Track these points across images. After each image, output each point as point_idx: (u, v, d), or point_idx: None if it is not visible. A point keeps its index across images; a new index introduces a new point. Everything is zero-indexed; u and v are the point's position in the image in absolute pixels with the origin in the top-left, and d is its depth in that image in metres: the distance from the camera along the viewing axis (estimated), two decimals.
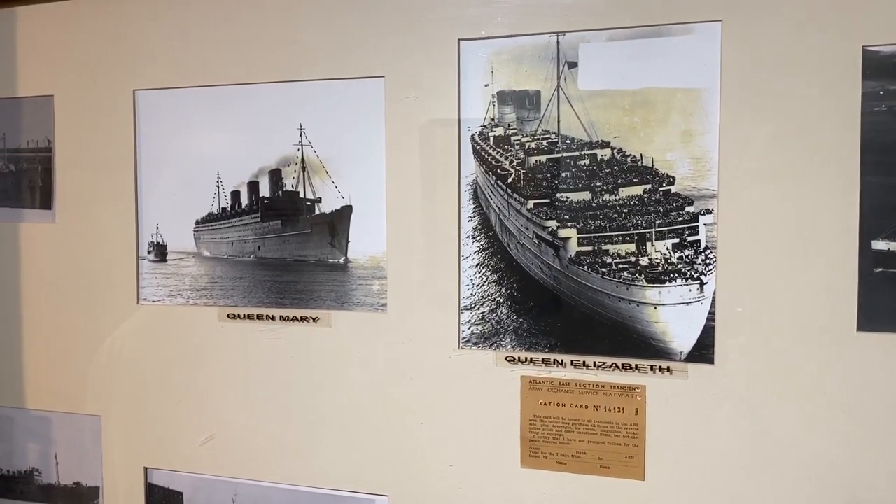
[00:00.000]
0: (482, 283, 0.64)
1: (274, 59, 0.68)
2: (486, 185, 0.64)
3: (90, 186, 0.75)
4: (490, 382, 0.64)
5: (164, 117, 0.72)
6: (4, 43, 0.77)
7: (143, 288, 0.74)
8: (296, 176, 0.69)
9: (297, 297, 0.69)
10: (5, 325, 0.78)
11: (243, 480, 0.71)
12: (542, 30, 0.61)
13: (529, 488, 0.63)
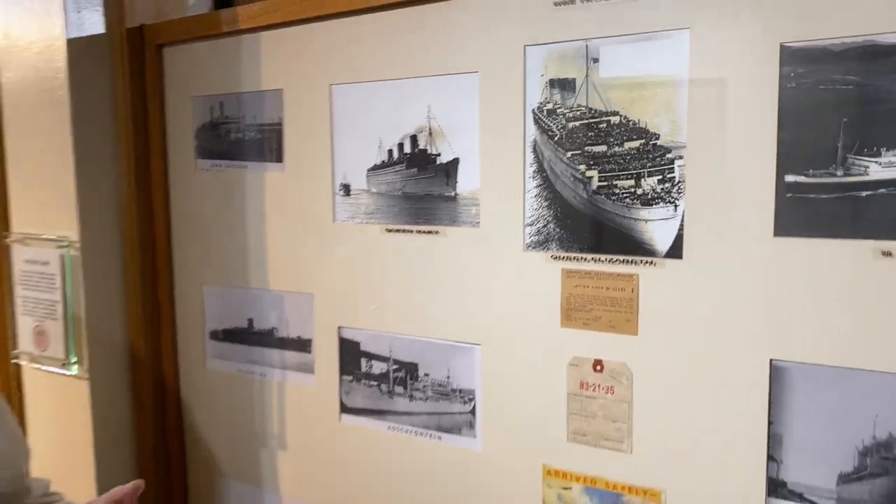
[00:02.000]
0: (538, 208, 0.98)
1: (412, 61, 1.05)
2: (541, 143, 0.97)
3: (305, 148, 1.17)
4: (542, 272, 0.97)
5: (348, 102, 1.13)
6: (254, 56, 1.21)
7: (337, 213, 1.16)
8: (426, 139, 1.06)
9: (426, 218, 1.07)
10: (257, 238, 1.25)
11: (395, 335, 1.12)
12: (577, 37, 0.92)
13: (565, 339, 0.97)
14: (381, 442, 1.14)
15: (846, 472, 0.81)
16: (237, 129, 1.24)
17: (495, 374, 1.03)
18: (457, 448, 1.07)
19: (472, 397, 1.05)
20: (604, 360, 0.94)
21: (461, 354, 1.06)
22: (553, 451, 0.99)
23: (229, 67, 1.23)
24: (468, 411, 1.06)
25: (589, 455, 0.96)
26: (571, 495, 0.98)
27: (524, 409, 1.01)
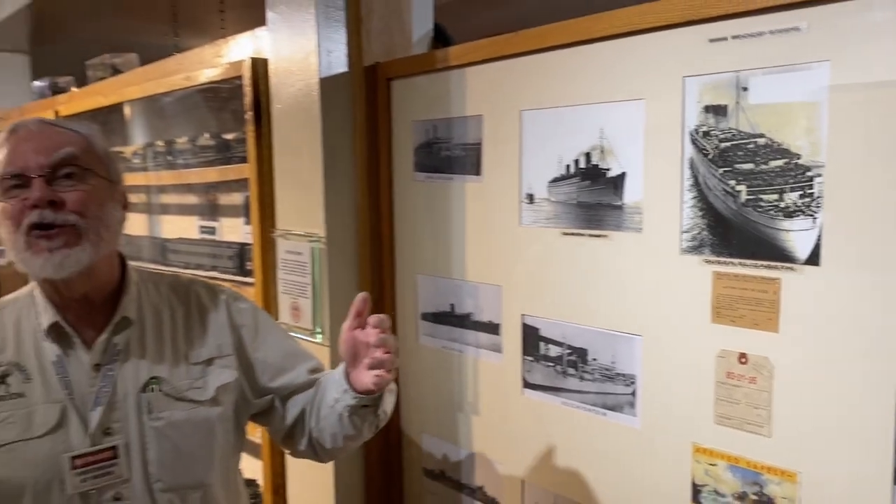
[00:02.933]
0: (693, 217, 1.11)
1: (588, 90, 1.24)
2: (697, 161, 1.11)
3: (498, 163, 1.40)
4: (695, 274, 1.11)
5: (535, 125, 1.34)
6: (460, 88, 1.46)
7: (522, 218, 1.37)
8: (598, 156, 1.24)
9: (596, 223, 1.25)
10: (459, 237, 1.50)
11: (569, 323, 1.31)
12: (729, 69, 1.05)
13: (714, 334, 1.10)
14: (554, 414, 1.34)
15: None
16: (446, 148, 1.51)
17: (653, 362, 1.18)
18: (618, 424, 1.24)
19: (633, 381, 1.22)
20: (748, 353, 1.07)
21: (624, 343, 1.22)
22: (702, 431, 1.13)
23: (442, 97, 1.50)
24: (629, 393, 1.23)
25: (733, 436, 1.09)
26: (717, 471, 1.11)
27: (677, 393, 1.15)
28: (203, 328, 1.20)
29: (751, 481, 1.08)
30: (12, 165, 1.04)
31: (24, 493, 1.05)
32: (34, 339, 1.11)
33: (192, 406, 1.14)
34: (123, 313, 1.12)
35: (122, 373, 1.11)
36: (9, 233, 1.05)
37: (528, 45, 1.32)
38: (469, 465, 1.53)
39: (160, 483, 1.11)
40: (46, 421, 1.07)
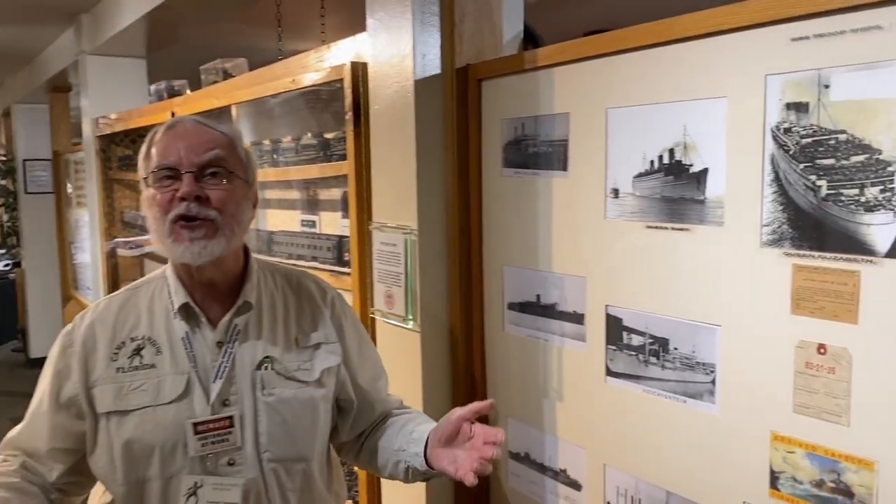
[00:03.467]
0: (774, 211, 1.15)
1: (671, 88, 1.28)
2: (778, 156, 1.14)
3: (585, 159, 1.46)
4: (775, 266, 1.14)
5: (620, 122, 1.39)
6: (548, 87, 1.53)
7: (607, 212, 1.43)
8: (681, 152, 1.28)
9: (678, 217, 1.29)
10: (545, 230, 1.57)
11: (651, 314, 1.36)
12: (810, 67, 1.08)
13: (794, 325, 1.13)
14: (636, 401, 1.39)
15: None
16: (534, 145, 1.58)
17: (733, 352, 1.22)
18: (698, 412, 1.28)
19: (712, 370, 1.26)
20: (827, 344, 1.09)
21: (705, 333, 1.27)
22: (780, 419, 1.16)
23: (530, 96, 1.57)
24: (709, 381, 1.27)
25: (811, 425, 1.12)
26: (795, 459, 1.15)
27: (756, 382, 1.19)
28: (312, 318, 1.33)
29: (828, 469, 1.10)
30: (167, 159, 1.19)
31: (154, 452, 1.19)
32: (165, 317, 1.25)
33: (299, 385, 1.27)
34: (245, 298, 1.26)
35: (240, 351, 1.25)
36: (155, 218, 1.19)
37: (614, 46, 1.37)
38: (552, 449, 1.60)
39: (268, 453, 1.24)
40: (174, 390, 1.21)
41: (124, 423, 1.19)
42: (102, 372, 1.22)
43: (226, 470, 1.21)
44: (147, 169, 1.21)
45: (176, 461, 1.20)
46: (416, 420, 1.36)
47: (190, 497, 1.19)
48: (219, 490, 1.19)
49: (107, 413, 1.20)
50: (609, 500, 1.47)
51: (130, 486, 1.20)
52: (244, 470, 1.22)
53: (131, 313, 1.26)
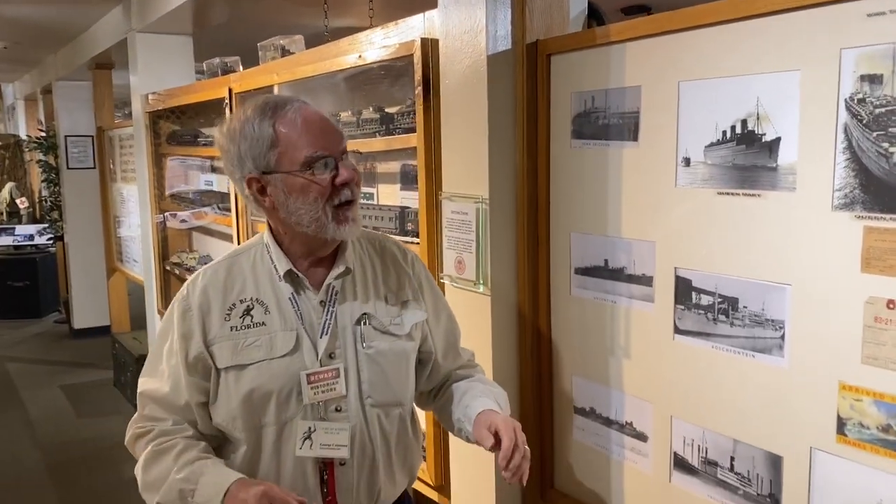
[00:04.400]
0: (846, 177, 1.23)
1: (745, 62, 1.36)
2: (851, 126, 1.22)
3: (656, 130, 1.55)
4: (846, 228, 1.23)
5: (692, 95, 1.47)
6: (619, 61, 1.61)
7: (678, 179, 1.51)
8: (754, 122, 1.37)
9: (750, 184, 1.37)
10: (614, 198, 1.65)
11: (721, 275, 1.44)
12: (886, 41, 1.16)
13: (863, 283, 1.21)
14: (704, 357, 1.49)
15: None
16: (604, 117, 1.66)
17: (802, 308, 1.31)
18: (767, 366, 1.38)
19: (781, 326, 1.35)
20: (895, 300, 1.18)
21: (775, 292, 1.36)
22: (848, 370, 1.25)
23: (600, 70, 1.65)
24: (778, 337, 1.36)
25: (879, 375, 1.21)
26: (862, 406, 1.24)
27: (826, 336, 1.28)
28: (397, 277, 1.46)
29: (895, 415, 1.20)
30: (320, 147, 1.28)
31: (271, 400, 1.32)
32: (270, 280, 1.37)
33: (393, 339, 1.39)
34: (346, 264, 1.37)
35: (341, 309, 1.37)
36: (312, 203, 1.28)
37: (686, 23, 1.45)
38: (619, 403, 1.70)
39: (370, 399, 1.36)
40: (286, 345, 1.33)
41: (242, 376, 1.32)
42: (218, 331, 1.34)
43: (334, 416, 1.34)
44: (293, 157, 1.27)
45: (290, 408, 1.33)
46: (472, 392, 1.48)
47: (306, 440, 1.31)
48: (330, 434, 1.32)
49: (226, 368, 1.33)
50: (676, 450, 1.57)
51: (249, 432, 1.34)
52: (350, 415, 1.34)
53: (237, 278, 1.38)
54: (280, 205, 1.31)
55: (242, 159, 1.31)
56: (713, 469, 1.50)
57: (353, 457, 1.35)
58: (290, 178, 1.28)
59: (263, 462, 1.35)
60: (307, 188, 1.28)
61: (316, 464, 1.34)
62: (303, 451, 1.32)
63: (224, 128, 1.35)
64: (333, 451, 1.33)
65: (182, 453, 1.31)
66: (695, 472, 1.54)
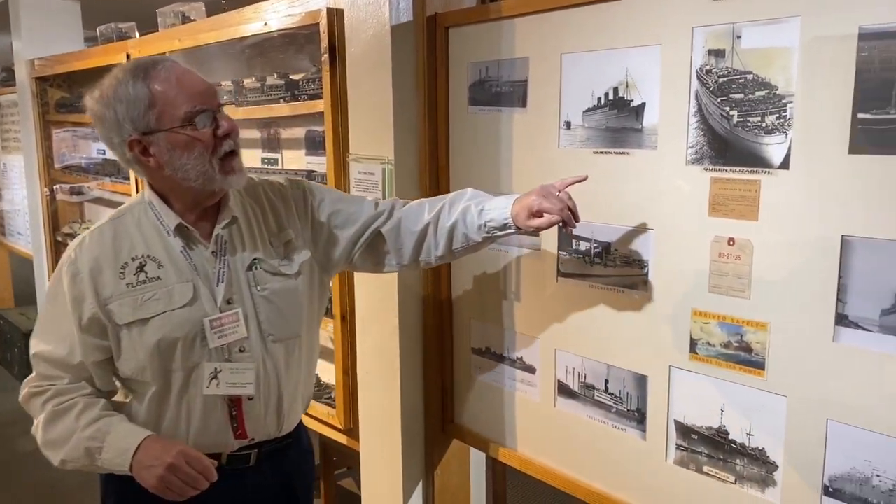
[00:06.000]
0: (697, 136, 1.46)
1: (617, 37, 1.57)
2: (701, 93, 1.45)
3: (542, 97, 1.74)
4: (697, 179, 1.46)
5: (573, 66, 1.67)
6: (510, 35, 1.79)
7: (560, 141, 1.72)
8: (623, 89, 1.58)
9: (620, 144, 1.59)
10: (507, 158, 1.84)
11: (596, 223, 1.66)
12: (727, 21, 1.39)
13: (710, 224, 1.46)
14: (584, 295, 1.71)
15: (886, 307, 1.24)
16: (496, 85, 1.85)
17: (663, 249, 1.55)
18: (634, 298, 1.61)
19: (646, 265, 1.59)
20: (735, 237, 1.43)
21: (641, 236, 1.59)
22: (698, 298, 1.50)
23: (493, 42, 1.83)
24: (644, 274, 1.59)
25: (722, 301, 1.46)
26: (709, 328, 1.49)
27: (681, 271, 1.52)
28: (277, 218, 1.55)
29: (734, 333, 1.45)
30: (197, 101, 1.33)
31: (177, 347, 1.41)
32: (160, 237, 1.44)
33: (284, 278, 1.51)
34: (231, 213, 1.47)
35: (232, 258, 1.47)
36: (198, 157, 1.34)
37: (567, 2, 1.65)
38: (511, 342, 1.91)
39: (271, 336, 1.48)
40: (184, 295, 1.42)
41: (146, 329, 1.40)
42: (114, 289, 1.40)
43: (239, 356, 1.45)
44: (173, 114, 1.31)
45: (196, 353, 1.42)
46: (457, 207, 1.57)
47: (213, 380, 1.43)
48: (235, 373, 1.44)
49: (128, 324, 1.40)
50: (559, 378, 1.80)
51: (158, 378, 1.43)
52: (254, 354, 1.46)
53: (124, 238, 1.43)
54: (165, 163, 1.34)
55: (120, 123, 1.32)
56: (591, 392, 1.73)
57: (260, 391, 1.46)
58: (172, 136, 1.31)
59: (172, 403, 1.44)
60: (191, 143, 1.32)
61: (224, 401, 1.44)
62: (210, 390, 1.42)
63: (95, 93, 1.35)
64: (240, 388, 1.44)
65: (84, 411, 1.39)
66: (575, 395, 1.77)
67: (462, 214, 1.54)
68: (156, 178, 1.42)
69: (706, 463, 1.52)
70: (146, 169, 1.39)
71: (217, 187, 1.40)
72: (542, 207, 1.43)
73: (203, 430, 1.45)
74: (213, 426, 1.45)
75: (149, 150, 1.34)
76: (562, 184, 1.49)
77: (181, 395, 1.43)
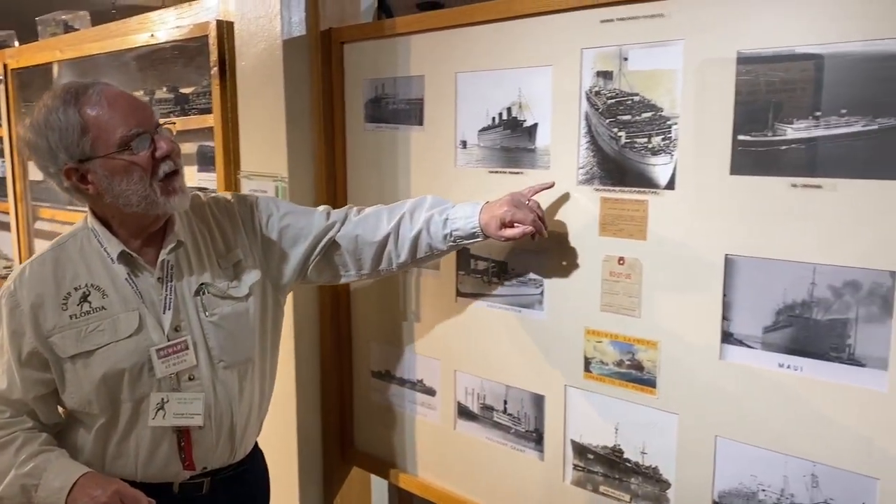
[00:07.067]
0: (587, 156, 1.47)
1: (509, 57, 1.57)
2: (590, 113, 1.46)
3: (438, 115, 1.72)
4: (589, 199, 1.47)
5: (467, 84, 1.66)
6: (405, 52, 1.77)
7: (457, 160, 1.70)
8: (517, 109, 1.58)
9: (515, 163, 1.59)
10: (404, 176, 1.81)
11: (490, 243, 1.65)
12: (614, 44, 1.41)
13: (601, 244, 1.47)
14: (482, 315, 1.69)
15: (767, 325, 1.28)
16: (393, 102, 1.82)
17: (557, 267, 1.55)
18: (531, 318, 1.61)
19: (541, 284, 1.58)
20: (625, 256, 1.44)
21: (536, 255, 1.58)
22: (592, 317, 1.50)
23: (389, 59, 1.80)
24: (539, 294, 1.59)
25: (614, 319, 1.47)
26: (602, 346, 1.50)
27: (574, 290, 1.52)
28: (224, 238, 1.50)
29: (626, 351, 1.46)
30: (133, 123, 1.27)
31: (123, 376, 1.35)
32: (103, 264, 1.37)
33: (234, 302, 1.45)
34: (177, 237, 1.40)
35: (179, 283, 1.40)
36: (137, 182, 1.28)
37: (461, 20, 1.64)
38: (411, 364, 1.87)
39: (222, 362, 1.42)
40: (129, 325, 1.35)
41: (91, 361, 1.33)
42: (56, 322, 1.33)
43: (188, 385, 1.39)
44: (108, 140, 1.26)
45: (143, 384, 1.36)
46: (420, 212, 1.54)
47: (159, 411, 1.36)
48: (183, 403, 1.37)
49: (71, 356, 1.33)
50: (459, 399, 1.77)
51: (105, 410, 1.36)
52: (203, 383, 1.40)
53: (67, 266, 1.37)
54: (105, 190, 1.30)
55: (54, 152, 1.27)
56: (490, 413, 1.71)
57: (211, 420, 1.40)
58: (109, 162, 1.27)
59: (119, 434, 1.38)
60: (129, 168, 1.27)
61: (173, 431, 1.38)
62: (156, 422, 1.36)
63: (27, 122, 1.32)
64: (187, 419, 1.37)
65: (23, 447, 1.32)
66: (475, 417, 1.74)
67: (426, 224, 1.51)
68: (97, 205, 1.36)
69: (602, 482, 1.53)
70: (86, 197, 1.34)
71: (160, 211, 1.34)
72: (516, 218, 1.42)
73: (150, 462, 1.39)
74: (161, 457, 1.39)
75: (87, 177, 1.30)
76: (530, 191, 1.49)
77: (130, 427, 1.37)
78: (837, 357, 1.21)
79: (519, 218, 1.42)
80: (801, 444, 1.26)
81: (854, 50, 1.15)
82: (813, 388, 1.24)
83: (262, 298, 1.51)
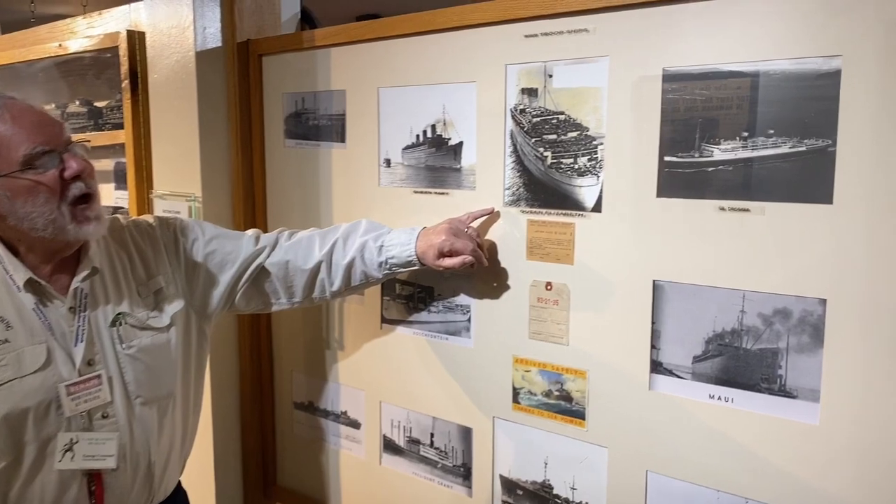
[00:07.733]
0: (513, 177, 1.41)
1: (433, 72, 1.49)
2: (516, 132, 1.39)
3: (360, 132, 1.64)
4: (515, 222, 1.40)
5: (390, 100, 1.58)
6: (326, 65, 1.68)
7: (381, 179, 1.62)
8: (441, 127, 1.51)
9: (440, 183, 1.51)
10: (326, 195, 1.72)
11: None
12: (539, 60, 1.35)
13: (528, 268, 1.40)
14: (408, 342, 1.61)
15: (697, 354, 1.22)
16: (314, 118, 1.72)
17: (483, 293, 1.47)
18: (458, 346, 1.52)
19: (468, 310, 1.50)
20: (552, 281, 1.37)
21: (462, 279, 1.51)
22: (519, 345, 1.43)
23: (309, 72, 1.71)
24: (466, 320, 1.51)
25: (542, 348, 1.40)
26: (531, 376, 1.42)
27: (501, 316, 1.45)
28: (145, 264, 1.38)
29: (555, 381, 1.39)
30: (39, 141, 1.15)
31: (27, 416, 1.21)
32: (8, 293, 1.23)
33: (154, 332, 1.33)
34: (91, 264, 1.27)
35: (93, 313, 1.28)
36: (43, 204, 1.16)
37: (383, 32, 1.56)
38: (335, 395, 1.77)
39: (140, 399, 1.30)
40: (35, 360, 1.22)
41: None
42: None
43: (101, 423, 1.26)
44: (10, 158, 1.15)
45: (50, 423, 1.22)
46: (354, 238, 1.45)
47: (67, 452, 1.22)
48: (94, 444, 1.24)
49: None
50: (385, 432, 1.67)
51: (8, 452, 1.21)
52: (119, 421, 1.27)
53: None
54: (8, 212, 1.18)
55: None
56: (416, 447, 1.62)
57: (126, 462, 1.28)
58: (11, 182, 1.16)
59: (22, 478, 1.24)
60: (34, 189, 1.16)
61: (83, 475, 1.25)
62: (62, 465, 1.23)
63: None
64: (98, 461, 1.24)
65: None
66: (401, 451, 1.65)
67: (359, 251, 1.43)
68: (1, 228, 1.23)
69: None
70: None
71: (71, 238, 1.21)
72: (455, 248, 1.35)
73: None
74: (69, 503, 1.25)
75: None
76: (469, 218, 1.42)
77: (34, 470, 1.23)
78: (768, 388, 1.16)
79: (458, 248, 1.35)
80: (732, 478, 1.21)
81: (782, 69, 1.11)
82: (744, 421, 1.19)
83: (185, 329, 1.39)
